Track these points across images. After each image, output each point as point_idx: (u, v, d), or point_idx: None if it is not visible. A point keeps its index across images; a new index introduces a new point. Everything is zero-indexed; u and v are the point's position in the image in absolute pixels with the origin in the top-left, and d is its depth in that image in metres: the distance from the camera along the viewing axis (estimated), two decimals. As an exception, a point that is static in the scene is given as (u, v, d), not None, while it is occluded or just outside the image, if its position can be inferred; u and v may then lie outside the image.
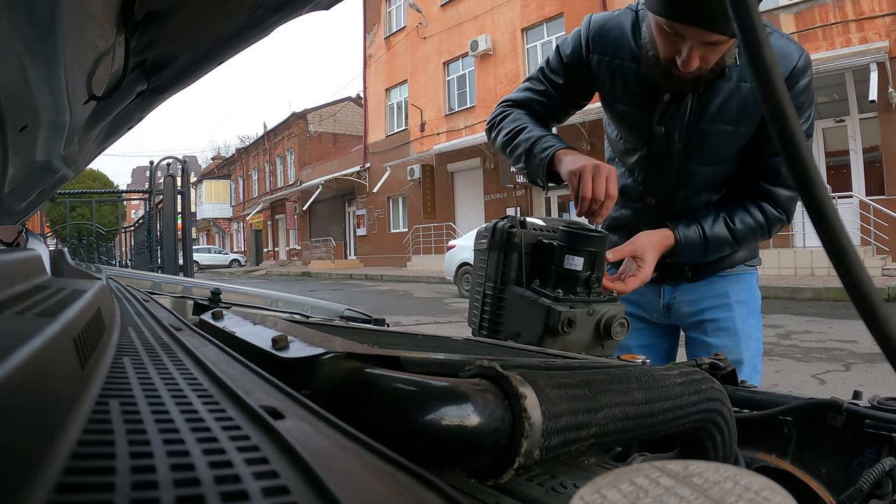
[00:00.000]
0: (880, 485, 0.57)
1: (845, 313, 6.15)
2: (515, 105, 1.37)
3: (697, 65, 1.06)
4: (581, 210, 1.09)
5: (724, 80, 1.16)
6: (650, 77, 1.18)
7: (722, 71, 1.14)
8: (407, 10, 18.81)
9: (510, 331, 1.01)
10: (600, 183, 1.07)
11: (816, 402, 0.69)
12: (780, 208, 1.24)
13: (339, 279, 17.41)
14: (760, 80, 0.27)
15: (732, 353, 1.32)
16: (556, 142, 1.21)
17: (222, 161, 39.72)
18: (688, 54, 1.05)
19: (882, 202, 9.24)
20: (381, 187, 19.55)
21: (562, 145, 1.20)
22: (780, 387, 3.50)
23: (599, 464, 0.51)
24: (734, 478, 0.23)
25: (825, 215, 0.27)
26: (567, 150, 1.19)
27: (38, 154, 0.95)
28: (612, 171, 1.09)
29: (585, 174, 1.08)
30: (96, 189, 12.35)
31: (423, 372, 0.41)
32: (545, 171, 1.20)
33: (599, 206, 1.08)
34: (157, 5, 0.75)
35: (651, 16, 1.09)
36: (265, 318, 0.62)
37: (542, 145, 1.22)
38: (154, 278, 1.55)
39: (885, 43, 9.14)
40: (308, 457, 0.21)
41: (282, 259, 28.80)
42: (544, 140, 1.23)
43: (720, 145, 1.22)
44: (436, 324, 7.02)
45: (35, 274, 0.51)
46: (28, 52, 0.58)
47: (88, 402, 0.25)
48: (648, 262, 1.18)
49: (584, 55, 1.27)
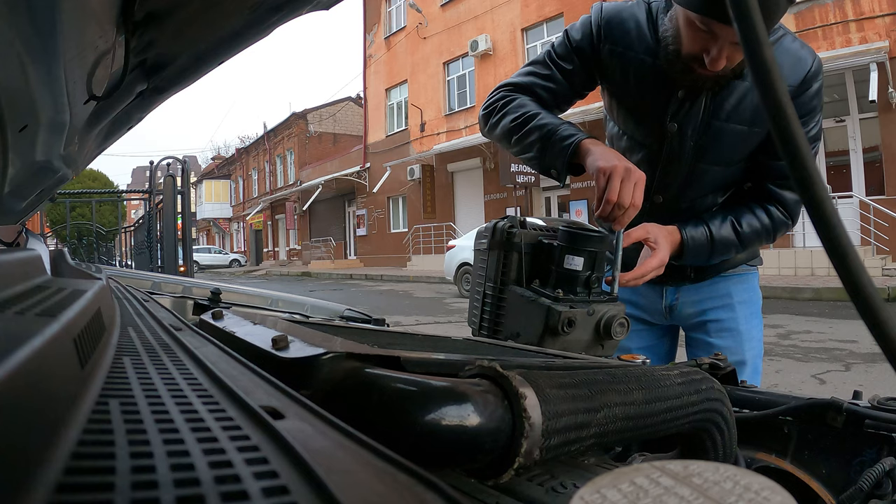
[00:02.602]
0: (880, 485, 0.57)
1: (845, 313, 6.15)
2: (517, 89, 1.29)
3: (724, 64, 1.05)
4: (602, 213, 1.04)
5: (740, 80, 1.15)
6: (667, 72, 1.15)
7: (741, 71, 1.12)
8: (407, 10, 18.81)
9: (510, 331, 1.01)
10: (628, 189, 1.01)
11: (816, 402, 0.69)
12: (787, 212, 1.23)
13: (339, 279, 17.41)
14: (760, 80, 0.27)
15: (735, 354, 1.32)
16: (577, 130, 1.14)
17: (222, 161, 39.73)
18: (717, 52, 1.03)
19: (882, 202, 9.24)
20: (381, 187, 19.55)
21: (585, 135, 1.13)
22: (780, 387, 3.50)
23: (599, 464, 0.51)
24: (734, 478, 0.23)
25: (825, 215, 0.27)
26: (594, 141, 1.12)
27: (38, 154, 0.95)
28: (642, 178, 1.04)
29: (615, 175, 1.02)
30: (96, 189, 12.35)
31: (423, 372, 0.41)
32: (566, 161, 1.13)
33: (622, 213, 1.03)
34: (157, 5, 0.75)
35: (681, 10, 1.05)
36: (265, 318, 0.62)
37: (564, 132, 1.14)
38: (154, 278, 1.55)
39: (885, 43, 9.14)
40: (308, 457, 0.21)
41: (282, 259, 28.80)
42: (566, 127, 1.15)
43: (733, 145, 1.20)
44: (436, 324, 7.02)
45: (35, 274, 0.51)
46: (28, 52, 0.58)
47: (88, 402, 0.25)
48: (663, 246, 1.14)
49: (595, 43, 1.22)
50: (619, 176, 1.02)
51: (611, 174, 1.02)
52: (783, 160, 0.28)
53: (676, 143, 1.22)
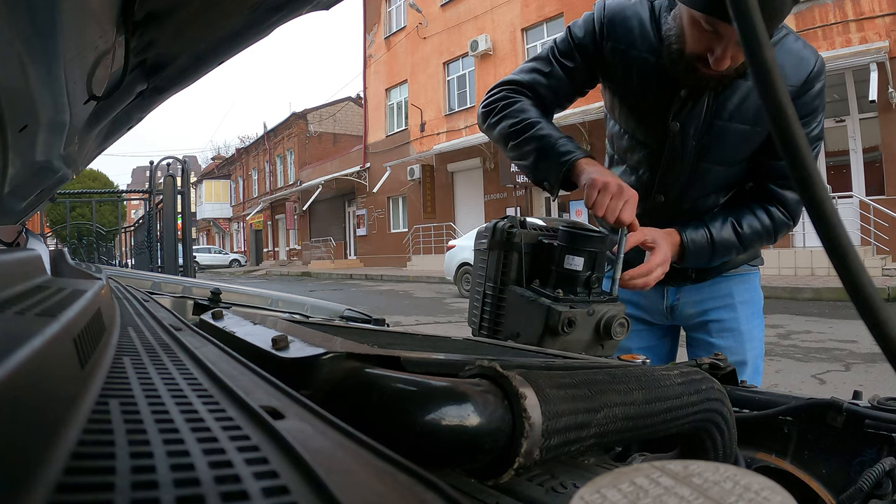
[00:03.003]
0: (880, 485, 0.57)
1: (845, 313, 6.15)
2: (518, 87, 1.28)
3: (729, 63, 1.05)
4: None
5: (743, 80, 1.14)
6: (670, 71, 1.15)
7: (745, 71, 1.11)
8: (407, 10, 18.81)
9: (510, 331, 1.01)
10: (615, 206, 1.04)
11: (816, 402, 0.69)
12: (788, 212, 1.23)
13: (339, 279, 17.41)
14: (760, 79, 0.27)
15: (736, 354, 1.32)
16: (576, 147, 1.16)
17: (222, 161, 39.74)
18: (722, 52, 1.03)
19: (882, 202, 9.24)
20: (381, 187, 19.55)
21: (583, 153, 1.15)
22: (780, 387, 3.50)
23: (599, 464, 0.51)
24: (734, 478, 0.23)
25: (825, 215, 0.27)
26: (590, 161, 1.14)
27: (38, 154, 0.95)
28: (634, 197, 1.05)
29: (605, 192, 1.04)
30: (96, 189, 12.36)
31: (423, 372, 0.41)
32: (561, 177, 1.15)
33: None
34: (157, 5, 0.75)
35: (685, 9, 1.05)
36: (265, 318, 0.62)
37: (562, 148, 1.15)
38: (154, 278, 1.55)
39: (885, 43, 9.14)
40: (308, 457, 0.21)
41: (282, 259, 28.80)
42: (564, 143, 1.16)
43: (735, 145, 1.20)
44: (436, 324, 7.02)
45: (35, 274, 0.51)
46: (28, 52, 0.58)
47: (88, 402, 0.25)
48: (662, 245, 1.14)
49: (598, 41, 1.22)
50: (610, 193, 1.04)
51: (601, 189, 1.05)
52: (784, 160, 0.28)
53: (678, 142, 1.21)
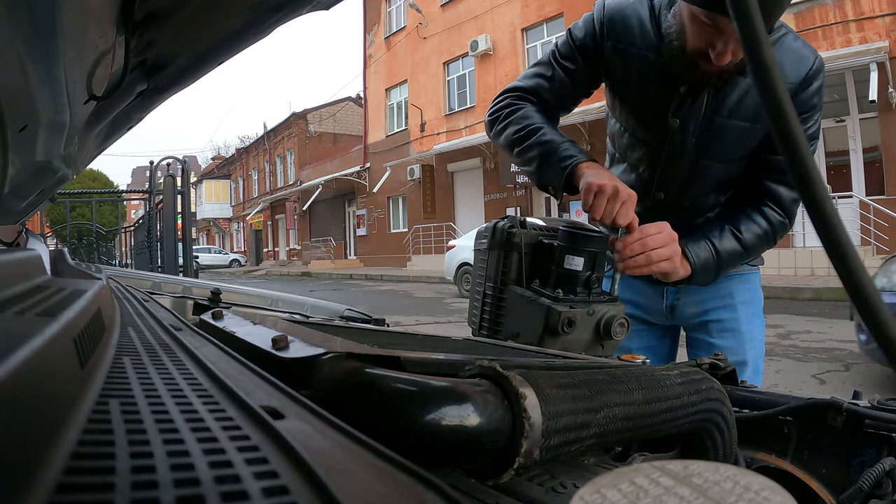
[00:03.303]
0: (880, 485, 0.57)
1: (845, 313, 6.13)
2: (523, 94, 1.30)
3: (730, 58, 1.05)
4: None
5: (742, 77, 1.15)
6: (670, 68, 1.15)
7: (745, 67, 1.11)
8: (407, 10, 18.81)
9: (510, 331, 1.01)
10: (611, 209, 1.05)
11: (816, 402, 0.69)
12: (783, 210, 1.23)
13: (339, 279, 17.41)
14: (760, 79, 0.27)
15: (737, 354, 1.32)
16: (578, 151, 1.17)
17: (222, 161, 39.74)
18: (723, 47, 1.03)
19: (882, 202, 9.24)
20: (381, 187, 19.55)
21: (585, 157, 1.16)
22: (780, 387, 3.50)
23: (599, 464, 0.51)
24: (734, 478, 0.23)
25: (825, 215, 0.27)
26: (591, 164, 1.15)
27: (38, 154, 0.95)
28: (632, 198, 1.06)
29: (601, 194, 1.05)
30: (96, 189, 12.35)
31: (423, 372, 0.41)
32: (563, 182, 1.16)
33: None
34: (157, 5, 0.75)
35: (685, 6, 1.06)
36: (265, 318, 0.62)
37: (564, 153, 1.17)
38: (154, 278, 1.55)
39: (885, 43, 9.14)
40: (308, 457, 0.21)
41: (282, 259, 28.80)
42: (566, 147, 1.18)
43: (734, 141, 1.20)
44: (436, 324, 7.02)
45: (35, 274, 0.51)
46: (28, 52, 0.58)
47: (88, 402, 0.25)
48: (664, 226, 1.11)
49: (598, 40, 1.23)
50: (606, 195, 1.05)
51: (596, 193, 1.06)
52: (783, 160, 0.28)
53: (678, 139, 1.22)
